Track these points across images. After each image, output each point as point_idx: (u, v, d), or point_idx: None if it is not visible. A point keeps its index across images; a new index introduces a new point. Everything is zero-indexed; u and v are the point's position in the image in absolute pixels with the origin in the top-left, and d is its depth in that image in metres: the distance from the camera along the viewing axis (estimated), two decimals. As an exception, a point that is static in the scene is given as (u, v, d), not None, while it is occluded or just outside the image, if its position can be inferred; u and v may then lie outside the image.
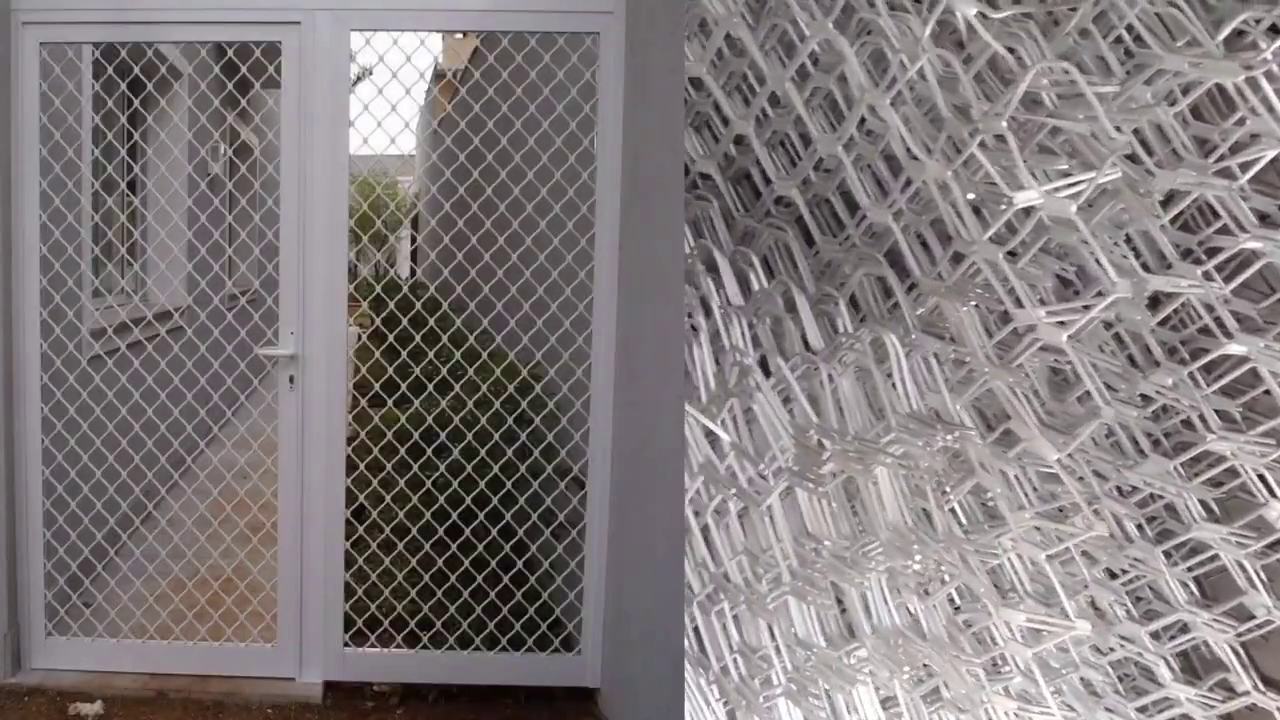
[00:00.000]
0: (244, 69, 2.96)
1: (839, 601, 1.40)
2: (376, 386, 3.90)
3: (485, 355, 3.33)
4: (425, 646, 2.94)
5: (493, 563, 3.05)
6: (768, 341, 1.45)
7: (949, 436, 1.31)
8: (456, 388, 3.39)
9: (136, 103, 3.38)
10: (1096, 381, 1.31)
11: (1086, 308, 1.28)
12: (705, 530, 1.44)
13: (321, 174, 2.80)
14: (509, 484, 3.09)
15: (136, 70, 3.15)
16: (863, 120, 1.51)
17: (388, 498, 3.09)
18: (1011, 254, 1.33)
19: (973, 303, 1.37)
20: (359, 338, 5.77)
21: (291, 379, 2.86)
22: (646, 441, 2.54)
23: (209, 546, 3.25)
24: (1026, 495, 1.41)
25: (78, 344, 3.12)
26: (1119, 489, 1.46)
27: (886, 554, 1.32)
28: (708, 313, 1.52)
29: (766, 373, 1.41)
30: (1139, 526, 1.57)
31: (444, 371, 3.34)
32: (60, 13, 2.78)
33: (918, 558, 1.31)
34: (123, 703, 2.80)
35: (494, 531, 3.11)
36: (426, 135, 9.38)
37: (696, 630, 1.48)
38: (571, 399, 2.98)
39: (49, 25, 2.79)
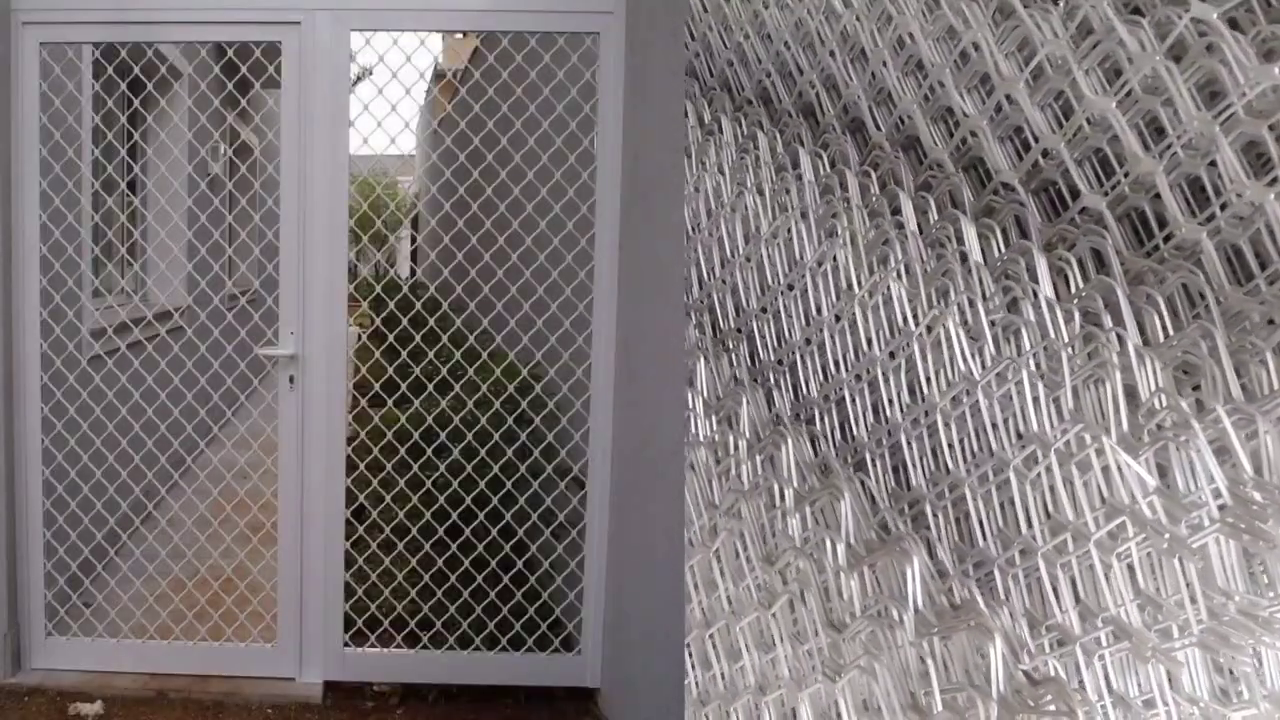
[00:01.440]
0: (244, 69, 2.96)
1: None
2: (376, 386, 3.91)
3: (485, 355, 3.33)
4: (425, 646, 2.95)
5: (493, 563, 3.05)
6: (1168, 384, 1.40)
7: None
8: (456, 388, 3.39)
9: (136, 103, 3.38)
10: None
11: None
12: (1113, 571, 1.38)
13: (321, 174, 2.80)
14: (509, 484, 3.09)
15: (136, 70, 3.15)
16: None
17: (388, 498, 3.09)
18: None
19: None
20: (359, 338, 5.78)
21: (291, 379, 2.86)
22: (646, 441, 2.54)
23: (209, 546, 3.25)
24: None
25: (78, 344, 3.12)
26: None
27: None
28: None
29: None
30: None
31: (444, 371, 3.34)
32: (60, 13, 2.78)
33: None
34: (123, 703, 2.80)
35: (494, 531, 3.11)
36: (426, 135, 9.39)
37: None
38: (571, 399, 2.98)
39: (49, 25, 2.79)
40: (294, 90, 2.80)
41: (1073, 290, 1.57)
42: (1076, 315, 1.50)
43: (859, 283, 1.75)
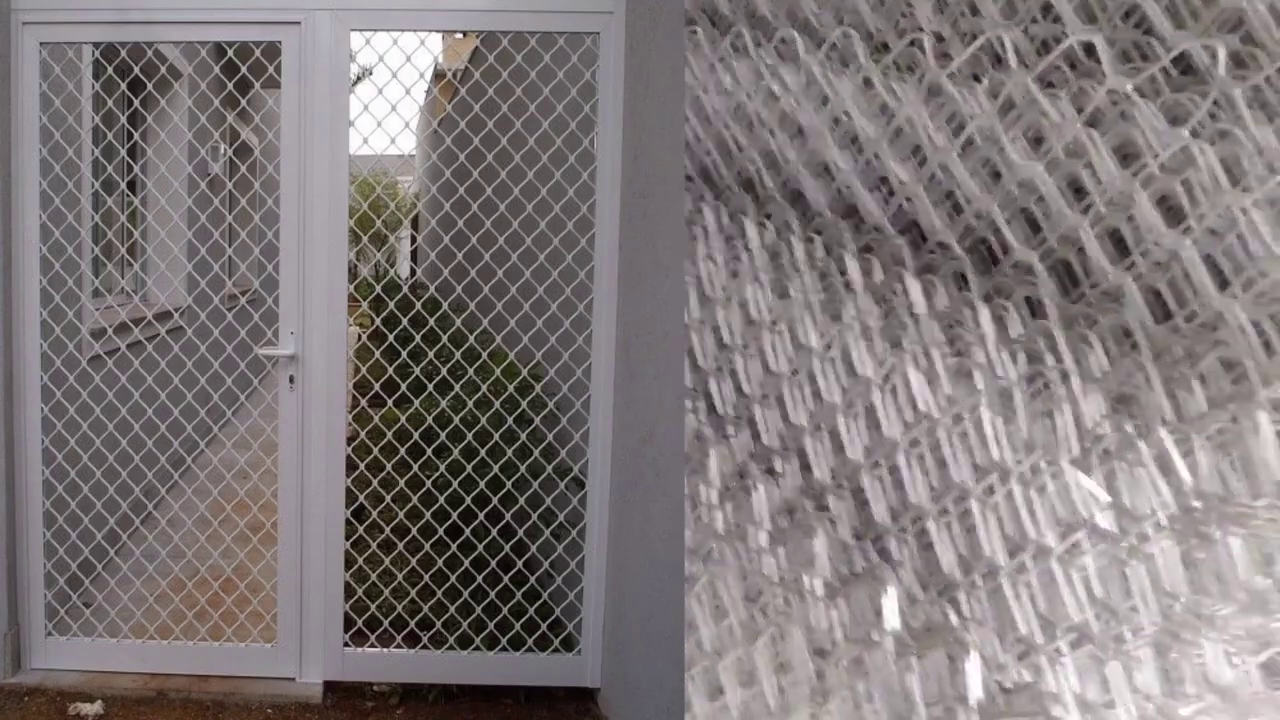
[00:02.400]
0: (244, 69, 2.96)
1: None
2: (376, 386, 3.91)
3: (485, 355, 3.33)
4: (425, 646, 2.95)
5: (493, 563, 3.05)
6: (1107, 408, 1.59)
7: None
8: (456, 388, 3.39)
9: (136, 103, 3.38)
10: None
11: None
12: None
13: (321, 174, 2.80)
14: (509, 484, 3.09)
15: (136, 70, 3.15)
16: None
17: (388, 498, 3.09)
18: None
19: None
20: (359, 338, 5.78)
21: (291, 379, 2.86)
22: (646, 441, 2.54)
23: (209, 546, 3.25)
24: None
25: (78, 344, 3.12)
26: None
27: (1244, 613, 1.41)
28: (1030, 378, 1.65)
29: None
30: None
31: (444, 371, 3.34)
32: (60, 13, 2.78)
33: (1278, 618, 1.40)
34: (123, 703, 2.80)
35: (494, 531, 3.11)
36: (426, 135, 9.39)
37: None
38: (571, 399, 2.98)
39: (49, 25, 2.79)
40: (294, 90, 2.80)
41: (1013, 335, 1.72)
42: (1022, 355, 1.66)
43: (816, 338, 1.87)
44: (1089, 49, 1.81)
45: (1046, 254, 1.78)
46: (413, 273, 12.26)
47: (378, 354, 4.26)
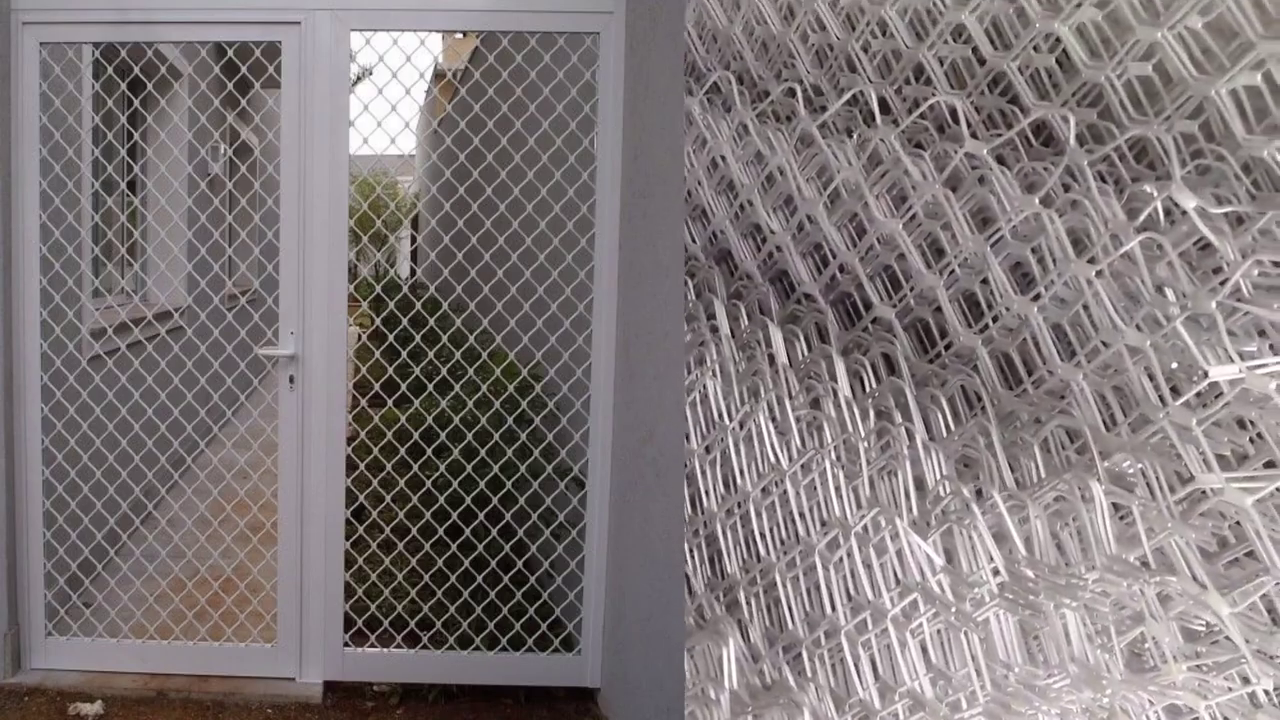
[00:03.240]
0: (244, 69, 2.96)
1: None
2: (376, 386, 3.91)
3: (485, 355, 3.33)
4: (425, 646, 2.95)
5: (493, 563, 3.05)
6: (951, 474, 1.60)
7: (1154, 580, 1.41)
8: (456, 388, 3.39)
9: (136, 103, 3.38)
10: (1269, 548, 1.39)
11: (1270, 464, 1.40)
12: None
13: (321, 174, 2.80)
14: (509, 484, 3.09)
15: (136, 70, 3.15)
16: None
17: (388, 498, 3.09)
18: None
19: (1151, 462, 1.50)
20: (359, 338, 5.78)
21: (291, 379, 2.86)
22: (646, 441, 2.54)
23: (209, 546, 3.25)
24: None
25: (78, 344, 3.12)
26: (1266, 653, 1.50)
27: (1074, 687, 1.41)
28: (886, 445, 1.66)
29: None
30: (1267, 692, 1.57)
31: (444, 371, 3.34)
32: (60, 13, 2.78)
33: (1107, 693, 1.41)
34: (123, 703, 2.80)
35: (494, 531, 3.11)
36: (426, 135, 9.39)
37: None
38: (571, 399, 2.98)
39: (49, 25, 2.79)
40: (294, 90, 2.80)
41: (867, 390, 1.76)
42: (871, 412, 1.69)
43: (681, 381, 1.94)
44: (954, 113, 1.86)
45: (904, 311, 1.82)
46: (413, 273, 12.26)
47: (378, 354, 4.26)
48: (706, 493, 1.81)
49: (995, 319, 1.72)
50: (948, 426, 1.66)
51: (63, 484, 2.96)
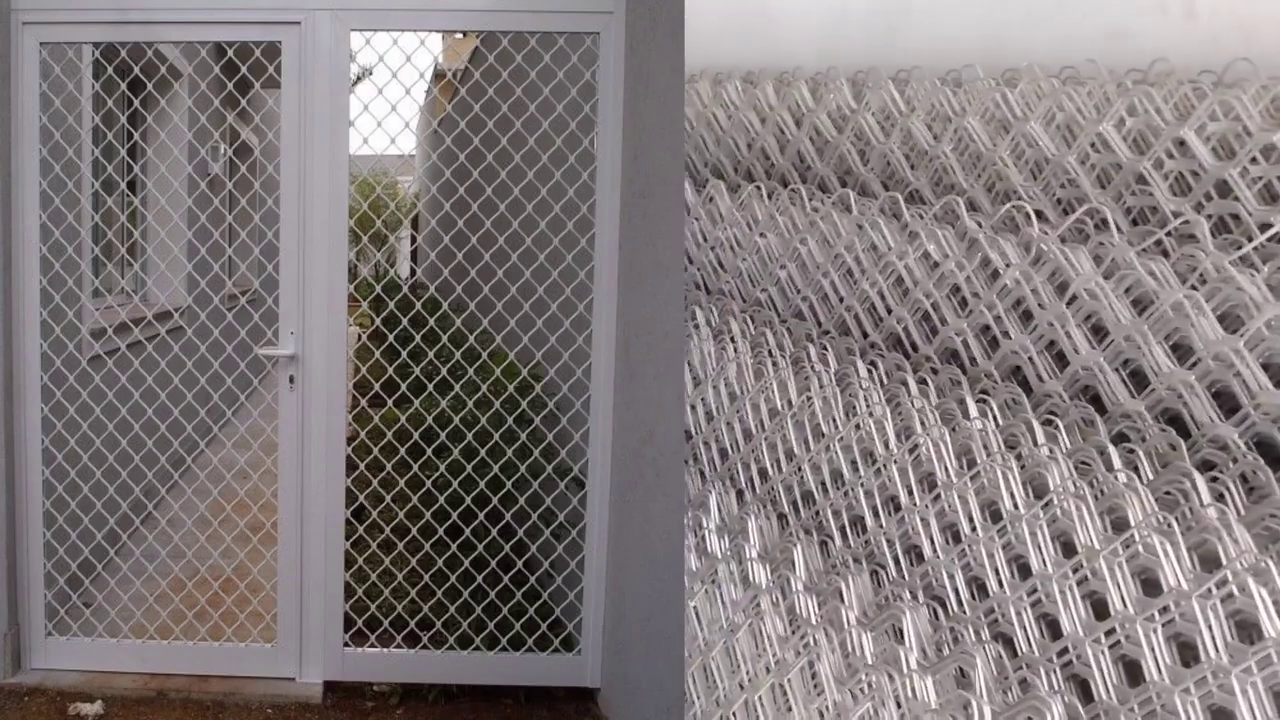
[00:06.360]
0: (244, 69, 2.96)
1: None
2: (376, 386, 3.90)
3: (485, 355, 3.32)
4: (425, 646, 2.94)
5: (493, 563, 3.05)
6: None
7: None
8: (456, 388, 3.39)
9: (136, 103, 3.38)
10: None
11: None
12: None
13: (321, 174, 2.80)
14: (509, 484, 3.09)
15: (136, 70, 3.15)
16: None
17: (388, 498, 3.09)
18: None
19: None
20: (359, 338, 5.78)
21: (291, 379, 2.86)
22: (646, 441, 2.54)
23: (209, 546, 3.24)
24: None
25: (78, 344, 3.12)
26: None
27: None
28: None
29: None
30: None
31: (444, 371, 3.33)
32: (60, 13, 2.78)
33: None
34: (123, 703, 2.80)
35: (494, 531, 3.11)
36: (426, 135, 9.39)
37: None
38: (571, 399, 2.98)
39: (49, 25, 2.79)
40: (294, 90, 2.80)
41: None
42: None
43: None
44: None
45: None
46: (413, 273, 12.25)
47: (378, 354, 4.26)
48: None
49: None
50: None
51: (63, 484, 2.96)
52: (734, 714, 1.75)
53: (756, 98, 3.02)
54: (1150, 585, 1.58)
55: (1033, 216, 2.14)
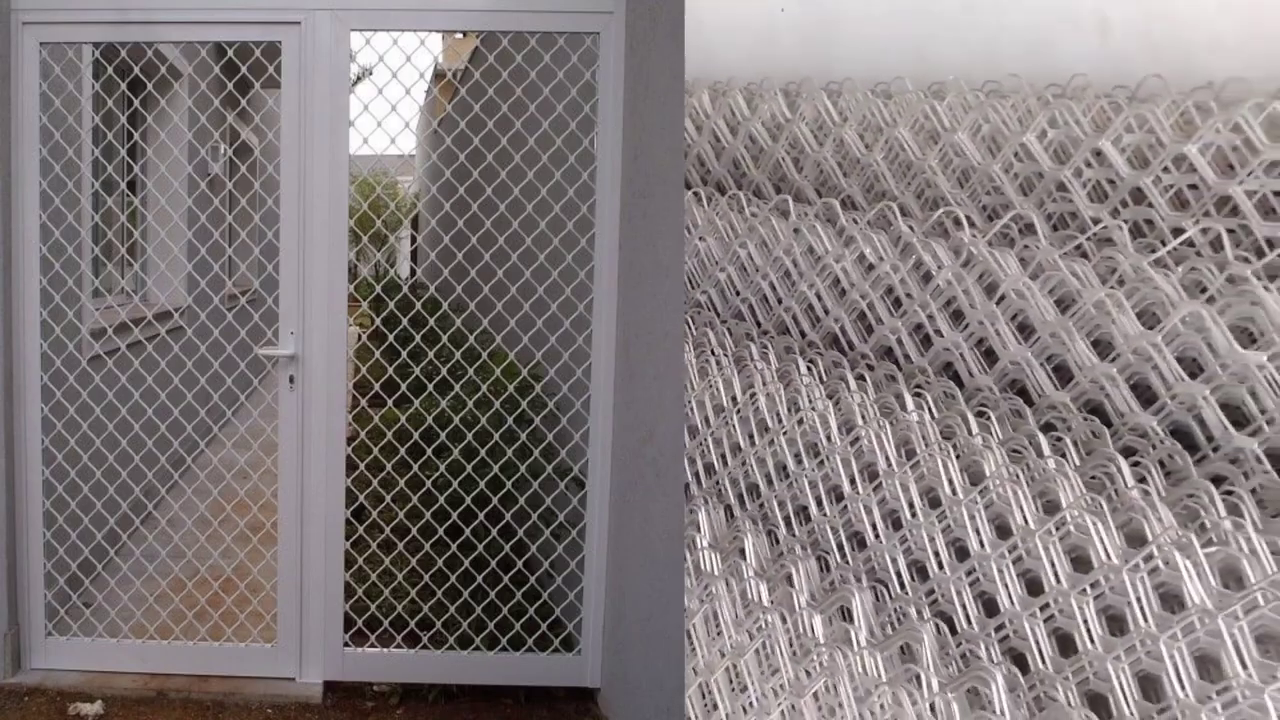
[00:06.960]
0: (244, 69, 2.96)
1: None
2: (376, 386, 3.90)
3: (485, 355, 3.32)
4: (425, 646, 2.94)
5: (493, 563, 3.05)
6: None
7: None
8: (456, 388, 3.39)
9: (136, 103, 3.38)
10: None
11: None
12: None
13: (321, 174, 2.80)
14: (509, 484, 3.09)
15: (136, 70, 3.15)
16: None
17: (388, 498, 3.09)
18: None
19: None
20: (359, 338, 5.78)
21: (291, 379, 2.86)
22: (646, 441, 2.54)
23: (209, 546, 3.24)
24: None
25: (78, 344, 3.12)
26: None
27: None
28: None
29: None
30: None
31: (444, 371, 3.33)
32: (60, 13, 2.78)
33: None
34: (123, 703, 2.80)
35: (494, 531, 3.11)
36: (426, 135, 9.39)
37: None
38: (571, 399, 2.98)
39: (49, 25, 2.79)
40: (294, 90, 2.80)
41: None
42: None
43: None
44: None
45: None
46: (413, 273, 12.25)
47: (378, 354, 4.26)
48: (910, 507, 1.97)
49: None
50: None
51: (63, 484, 2.96)
52: (690, 699, 1.78)
53: (693, 106, 3.09)
54: (1081, 563, 1.69)
55: (962, 221, 2.25)
